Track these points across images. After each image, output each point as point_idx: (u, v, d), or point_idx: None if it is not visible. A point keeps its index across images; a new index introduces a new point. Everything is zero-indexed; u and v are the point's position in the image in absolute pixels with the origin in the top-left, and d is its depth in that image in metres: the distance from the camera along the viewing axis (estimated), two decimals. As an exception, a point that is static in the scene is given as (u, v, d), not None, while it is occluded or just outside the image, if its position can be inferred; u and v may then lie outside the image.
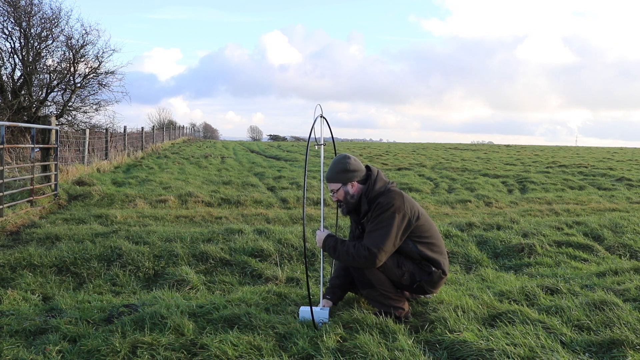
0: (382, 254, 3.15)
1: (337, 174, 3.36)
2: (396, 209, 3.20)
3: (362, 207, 3.34)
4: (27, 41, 21.28)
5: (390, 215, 3.18)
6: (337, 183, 3.37)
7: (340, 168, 3.36)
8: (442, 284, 3.42)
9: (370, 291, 3.28)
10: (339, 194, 3.39)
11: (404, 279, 3.28)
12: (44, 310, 3.50)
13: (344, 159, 3.38)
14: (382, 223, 3.18)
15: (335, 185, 3.38)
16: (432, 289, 3.37)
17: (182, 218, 7.34)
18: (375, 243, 3.15)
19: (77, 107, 23.42)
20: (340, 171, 3.36)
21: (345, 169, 3.36)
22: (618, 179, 14.18)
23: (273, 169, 15.75)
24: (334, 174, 3.38)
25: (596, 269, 4.64)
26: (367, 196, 3.33)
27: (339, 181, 3.37)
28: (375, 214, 3.22)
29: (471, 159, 22.82)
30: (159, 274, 4.55)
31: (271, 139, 76.55)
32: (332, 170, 3.38)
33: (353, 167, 3.36)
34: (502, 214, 7.91)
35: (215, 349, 2.70)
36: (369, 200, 3.32)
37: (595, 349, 2.77)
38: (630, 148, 47.26)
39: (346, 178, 3.36)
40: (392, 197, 3.24)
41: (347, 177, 3.36)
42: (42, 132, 9.04)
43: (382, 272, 3.26)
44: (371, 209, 3.28)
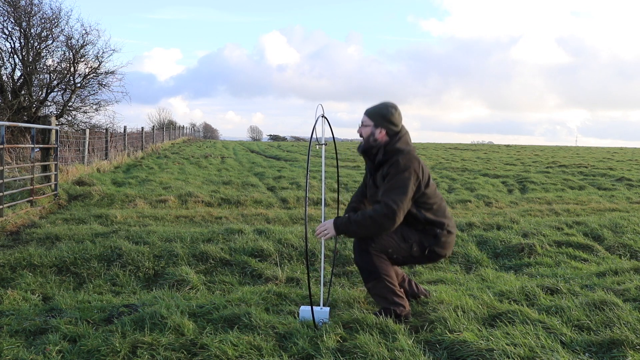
0: (400, 211, 3.18)
1: (377, 114, 3.42)
2: (412, 172, 3.27)
3: (378, 157, 3.40)
4: (27, 41, 21.29)
5: (407, 176, 3.25)
6: (371, 120, 3.43)
7: (383, 113, 3.42)
8: (452, 243, 3.44)
9: (376, 284, 3.27)
10: (365, 130, 3.45)
11: (414, 250, 3.33)
12: (44, 310, 3.50)
13: (391, 108, 3.43)
14: (399, 182, 3.23)
15: (369, 121, 3.43)
16: (444, 250, 3.39)
17: (182, 218, 7.35)
18: (394, 199, 3.19)
19: (77, 107, 23.45)
20: (381, 115, 3.41)
21: (386, 116, 3.41)
22: (618, 179, 14.18)
23: (273, 169, 15.75)
24: (374, 113, 3.43)
25: (596, 269, 4.64)
26: (385, 147, 3.37)
27: (374, 121, 3.42)
28: (393, 172, 3.27)
29: (471, 159, 22.82)
30: (159, 274, 4.55)
31: (271, 139, 76.56)
32: (376, 109, 3.44)
33: (394, 120, 3.41)
34: (502, 214, 7.91)
35: (215, 349, 2.71)
36: (386, 152, 3.37)
37: (595, 349, 2.78)
38: (630, 148, 47.28)
39: (380, 123, 3.41)
40: (410, 160, 3.30)
41: (381, 123, 3.40)
42: (42, 132, 9.04)
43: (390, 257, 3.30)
44: (387, 162, 3.34)
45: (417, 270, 4.88)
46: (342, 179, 12.69)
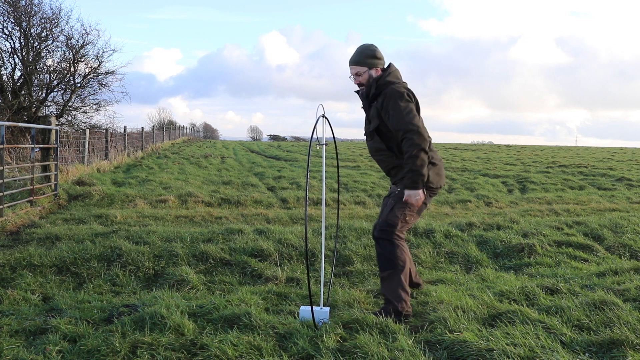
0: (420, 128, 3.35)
1: (366, 57, 3.53)
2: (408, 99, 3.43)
3: (372, 90, 3.52)
4: (27, 41, 21.29)
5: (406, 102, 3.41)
6: (363, 67, 3.53)
7: (370, 54, 3.53)
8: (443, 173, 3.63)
9: (393, 274, 3.34)
10: (363, 77, 3.54)
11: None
12: (44, 310, 3.50)
13: (372, 46, 3.57)
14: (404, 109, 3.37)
15: (361, 68, 3.53)
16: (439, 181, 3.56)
17: (182, 218, 7.35)
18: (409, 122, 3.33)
19: (77, 107, 23.44)
20: (369, 56, 3.53)
21: (374, 55, 3.54)
22: (618, 179, 14.18)
23: (273, 169, 15.75)
24: (362, 58, 3.53)
25: (596, 269, 4.64)
26: (378, 81, 3.51)
27: (367, 65, 3.53)
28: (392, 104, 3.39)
29: (471, 159, 22.83)
30: (159, 274, 4.55)
31: (271, 139, 76.56)
32: (361, 55, 3.53)
33: (379, 54, 3.56)
34: (502, 214, 7.91)
35: (215, 349, 2.71)
36: (379, 85, 3.49)
37: (595, 349, 2.78)
38: (630, 148, 47.28)
39: (373, 63, 3.54)
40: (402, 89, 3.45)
41: (374, 63, 3.54)
42: (42, 132, 9.04)
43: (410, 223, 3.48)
44: (381, 94, 3.46)
45: (417, 270, 4.88)
46: (342, 179, 12.69)
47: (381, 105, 3.44)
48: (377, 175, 14.45)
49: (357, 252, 5.24)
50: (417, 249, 5.41)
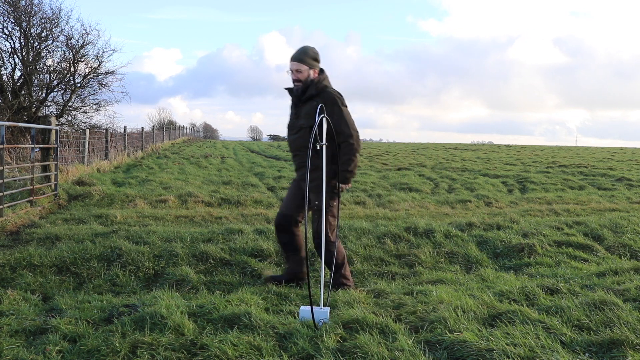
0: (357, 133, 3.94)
1: (309, 58, 3.91)
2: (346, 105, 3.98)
3: (310, 91, 3.90)
4: (27, 41, 21.29)
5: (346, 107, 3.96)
6: (305, 65, 3.89)
7: (313, 55, 3.93)
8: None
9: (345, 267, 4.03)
10: (303, 75, 3.90)
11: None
12: (44, 310, 3.50)
13: (315, 49, 3.97)
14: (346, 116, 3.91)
15: (304, 66, 3.89)
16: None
17: (182, 218, 7.35)
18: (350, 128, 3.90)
19: (77, 107, 23.44)
20: (312, 57, 3.93)
21: (316, 57, 3.97)
22: (618, 179, 14.18)
23: (273, 169, 15.75)
24: (306, 57, 3.90)
25: (596, 269, 4.64)
26: (317, 83, 3.91)
27: (308, 65, 3.91)
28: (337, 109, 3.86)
29: (471, 159, 22.83)
30: (159, 274, 4.55)
31: (271, 139, 76.53)
32: (305, 54, 3.90)
33: (319, 58, 3.99)
34: (502, 214, 7.91)
35: (215, 349, 2.71)
36: (318, 87, 3.90)
37: (595, 349, 2.78)
38: (630, 148, 47.28)
39: (313, 65, 3.94)
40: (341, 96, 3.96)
41: (314, 64, 3.95)
42: (42, 132, 9.04)
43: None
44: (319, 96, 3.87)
45: (417, 270, 4.88)
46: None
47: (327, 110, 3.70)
48: (376, 175, 14.45)
49: (357, 252, 5.24)
50: (417, 249, 5.41)
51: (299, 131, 3.98)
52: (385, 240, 5.58)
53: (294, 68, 3.91)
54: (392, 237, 5.68)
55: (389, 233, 5.77)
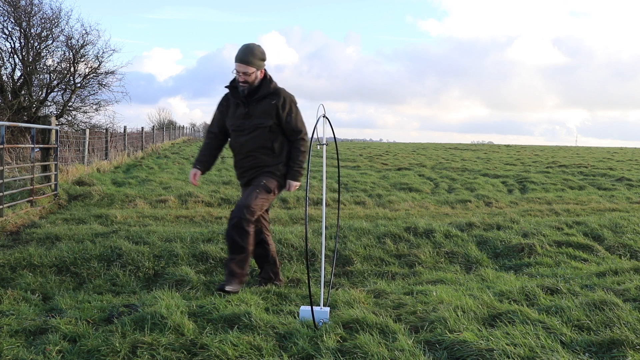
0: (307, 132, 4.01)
1: (258, 60, 3.84)
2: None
3: (263, 90, 3.87)
4: (27, 41, 21.29)
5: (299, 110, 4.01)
6: (253, 67, 3.81)
7: (261, 56, 3.85)
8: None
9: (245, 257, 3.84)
10: (250, 77, 3.82)
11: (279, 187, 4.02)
12: (44, 310, 3.50)
13: (261, 48, 3.88)
14: (299, 114, 3.98)
15: (251, 69, 3.80)
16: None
17: (182, 218, 7.35)
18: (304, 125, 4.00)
19: (77, 107, 23.45)
20: (261, 59, 3.86)
21: (264, 57, 3.89)
22: (618, 179, 14.18)
23: (273, 169, 15.74)
24: (254, 59, 3.81)
25: (596, 269, 4.64)
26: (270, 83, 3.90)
27: (256, 66, 3.83)
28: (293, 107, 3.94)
29: (471, 159, 22.83)
30: (159, 274, 4.55)
31: (271, 139, 76.37)
32: (254, 56, 3.81)
33: (266, 56, 3.91)
34: (502, 214, 7.91)
35: (215, 349, 2.71)
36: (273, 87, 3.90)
37: (595, 349, 2.78)
38: (630, 148, 47.28)
39: (261, 65, 3.88)
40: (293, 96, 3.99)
41: (262, 65, 3.89)
42: (42, 132, 9.04)
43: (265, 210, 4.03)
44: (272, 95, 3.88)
45: (417, 270, 4.88)
46: (342, 178, 12.69)
47: (282, 106, 3.87)
48: (377, 175, 14.45)
49: (357, 252, 5.24)
50: (417, 249, 5.41)
51: (253, 131, 3.90)
52: (385, 240, 5.58)
53: (242, 70, 3.81)
54: (392, 237, 5.68)
55: (389, 233, 5.77)
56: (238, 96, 3.93)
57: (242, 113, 3.92)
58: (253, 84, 3.86)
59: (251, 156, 3.96)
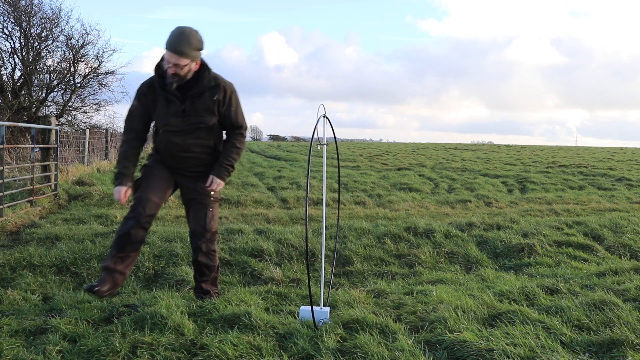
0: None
1: (194, 50, 3.22)
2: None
3: (202, 84, 3.30)
4: (27, 41, 21.28)
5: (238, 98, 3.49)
6: (187, 59, 3.20)
7: (198, 45, 3.24)
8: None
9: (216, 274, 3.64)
10: (184, 70, 3.22)
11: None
12: (44, 310, 3.50)
13: (198, 34, 3.24)
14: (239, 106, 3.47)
15: (185, 60, 3.20)
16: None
17: (182, 218, 7.34)
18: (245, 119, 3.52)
19: (77, 107, 23.41)
20: (197, 48, 3.24)
21: (201, 47, 3.28)
22: (618, 179, 14.18)
23: (273, 169, 15.75)
24: (190, 49, 3.19)
25: (596, 269, 4.64)
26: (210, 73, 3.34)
27: (191, 57, 3.22)
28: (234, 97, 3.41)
29: (471, 159, 22.82)
30: (159, 274, 4.55)
31: (271, 139, 76.55)
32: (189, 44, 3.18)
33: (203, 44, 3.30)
34: (502, 214, 7.91)
35: (215, 349, 2.71)
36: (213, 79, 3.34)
37: (595, 349, 2.78)
38: (630, 148, 47.28)
39: (198, 56, 3.28)
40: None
41: (198, 56, 3.29)
42: (42, 132, 9.04)
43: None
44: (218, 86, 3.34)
45: (417, 270, 4.88)
46: (343, 179, 12.69)
47: (223, 99, 3.36)
48: (377, 175, 14.45)
49: (357, 252, 5.24)
50: (417, 249, 5.41)
51: (193, 132, 3.37)
52: (385, 240, 5.58)
53: (173, 61, 3.19)
54: (392, 237, 5.68)
55: (389, 233, 5.77)
56: (170, 90, 3.31)
57: (177, 111, 3.33)
58: (184, 78, 3.28)
59: (189, 157, 3.44)
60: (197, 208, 3.50)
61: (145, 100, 3.39)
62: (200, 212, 3.49)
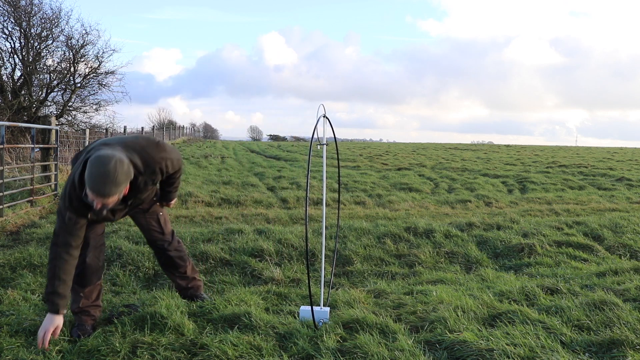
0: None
1: (122, 185, 2.71)
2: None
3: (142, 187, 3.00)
4: (27, 41, 21.28)
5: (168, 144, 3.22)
6: (115, 194, 2.69)
7: (125, 180, 2.72)
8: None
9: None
10: (114, 203, 2.76)
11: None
12: (44, 310, 3.50)
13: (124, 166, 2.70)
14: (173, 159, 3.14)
15: (113, 198, 2.70)
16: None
17: (182, 218, 7.34)
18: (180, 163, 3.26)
19: (77, 107, 23.42)
20: (125, 181, 2.72)
21: (131, 175, 2.78)
22: (618, 179, 14.18)
23: (273, 169, 15.75)
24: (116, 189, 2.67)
25: (596, 269, 4.64)
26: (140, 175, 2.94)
27: (119, 192, 2.72)
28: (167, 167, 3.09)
29: (471, 159, 22.82)
30: (159, 274, 4.55)
31: (271, 139, 76.56)
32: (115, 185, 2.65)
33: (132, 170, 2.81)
34: (502, 214, 7.91)
35: (215, 349, 2.71)
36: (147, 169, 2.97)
37: (595, 349, 2.78)
38: (630, 148, 47.29)
39: (127, 184, 2.78)
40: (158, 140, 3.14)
41: (128, 183, 2.79)
42: (42, 132, 9.04)
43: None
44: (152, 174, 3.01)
45: (417, 270, 4.88)
46: (343, 179, 12.69)
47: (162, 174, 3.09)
48: (377, 175, 14.45)
49: (357, 252, 5.24)
50: (417, 249, 5.41)
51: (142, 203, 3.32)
52: (385, 240, 5.58)
53: (99, 201, 2.68)
54: (392, 237, 5.68)
55: (389, 233, 5.77)
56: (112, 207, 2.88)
57: (121, 209, 3.10)
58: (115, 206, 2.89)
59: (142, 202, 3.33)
60: (148, 218, 3.45)
61: (83, 213, 2.90)
62: (152, 220, 3.46)
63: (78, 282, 3.11)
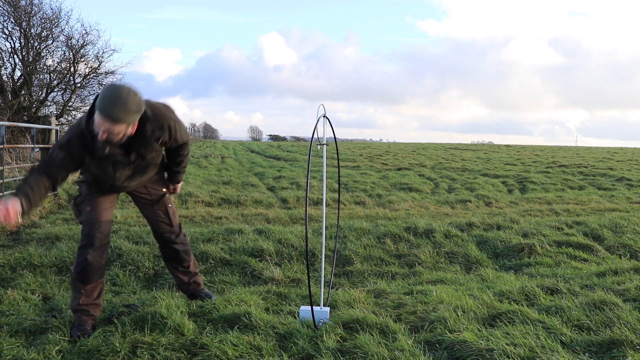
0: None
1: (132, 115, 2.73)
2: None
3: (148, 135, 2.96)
4: (27, 41, 21.28)
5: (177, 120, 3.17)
6: (123, 124, 2.71)
7: (136, 110, 2.74)
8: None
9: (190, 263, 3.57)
10: (118, 136, 2.77)
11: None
12: (44, 310, 3.50)
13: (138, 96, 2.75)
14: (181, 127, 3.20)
15: (120, 127, 2.72)
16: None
17: (182, 218, 7.34)
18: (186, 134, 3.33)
19: (77, 107, 23.41)
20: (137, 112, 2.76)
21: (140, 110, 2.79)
22: (618, 179, 14.18)
23: (273, 169, 15.75)
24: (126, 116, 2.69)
25: (596, 269, 4.64)
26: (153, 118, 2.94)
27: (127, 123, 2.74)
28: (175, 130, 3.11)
29: (471, 159, 22.82)
30: (159, 274, 4.55)
31: (271, 139, 76.59)
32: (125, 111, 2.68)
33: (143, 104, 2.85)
34: (502, 214, 7.91)
35: (215, 349, 2.71)
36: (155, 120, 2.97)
37: (595, 349, 2.78)
38: (630, 148, 47.28)
39: (136, 119, 2.79)
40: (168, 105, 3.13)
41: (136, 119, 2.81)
42: (42, 132, 9.04)
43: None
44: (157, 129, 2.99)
45: (417, 270, 4.88)
46: (343, 178, 12.69)
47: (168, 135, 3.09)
48: (377, 175, 14.46)
49: (357, 252, 5.24)
50: (417, 249, 5.41)
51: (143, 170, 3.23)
52: (385, 240, 5.58)
53: (106, 127, 2.71)
54: (392, 237, 5.68)
55: (389, 233, 5.77)
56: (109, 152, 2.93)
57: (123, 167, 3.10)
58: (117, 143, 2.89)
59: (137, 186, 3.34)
60: (156, 209, 3.44)
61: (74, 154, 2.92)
62: (160, 212, 3.44)
63: (80, 278, 3.12)
